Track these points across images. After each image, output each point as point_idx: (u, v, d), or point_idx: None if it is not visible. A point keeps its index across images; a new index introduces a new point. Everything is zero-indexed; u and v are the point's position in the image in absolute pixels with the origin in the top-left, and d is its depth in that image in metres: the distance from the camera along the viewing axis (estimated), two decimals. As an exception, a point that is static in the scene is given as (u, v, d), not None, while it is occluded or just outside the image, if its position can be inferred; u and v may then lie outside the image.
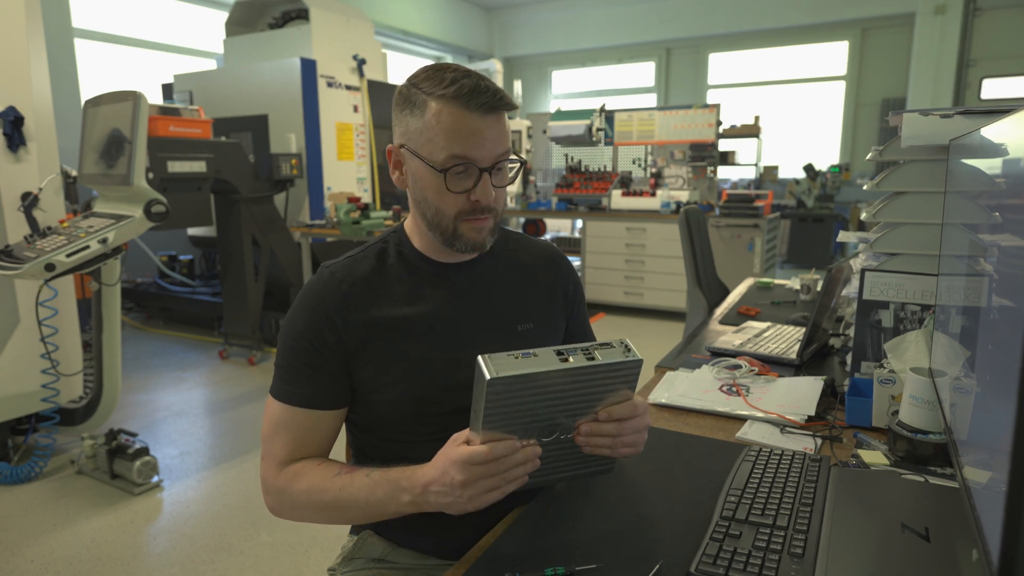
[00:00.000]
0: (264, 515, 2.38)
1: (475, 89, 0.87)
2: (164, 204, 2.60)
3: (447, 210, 0.92)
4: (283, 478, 0.92)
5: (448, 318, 0.98)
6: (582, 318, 1.17)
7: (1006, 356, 0.54)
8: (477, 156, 0.89)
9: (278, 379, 0.95)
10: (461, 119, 0.87)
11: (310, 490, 0.90)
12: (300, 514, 0.93)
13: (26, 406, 2.73)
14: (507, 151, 0.91)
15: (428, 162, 0.90)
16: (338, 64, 4.90)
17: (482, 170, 0.90)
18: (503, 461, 0.76)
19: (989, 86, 7.27)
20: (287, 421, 0.94)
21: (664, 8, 8.81)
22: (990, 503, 0.57)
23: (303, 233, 4.34)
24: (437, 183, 0.90)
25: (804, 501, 0.88)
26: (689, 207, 2.97)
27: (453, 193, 0.90)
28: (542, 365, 0.75)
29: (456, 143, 0.87)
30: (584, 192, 5.81)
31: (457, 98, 0.87)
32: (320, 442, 0.96)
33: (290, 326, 0.95)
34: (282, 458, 0.93)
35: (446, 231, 0.94)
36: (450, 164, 0.88)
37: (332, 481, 0.89)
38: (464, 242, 0.94)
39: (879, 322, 1.30)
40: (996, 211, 0.69)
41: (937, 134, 1.21)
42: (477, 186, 0.90)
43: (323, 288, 0.95)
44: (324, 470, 0.91)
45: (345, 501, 0.88)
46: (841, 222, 7.64)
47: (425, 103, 0.89)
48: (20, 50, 2.64)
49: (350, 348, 0.93)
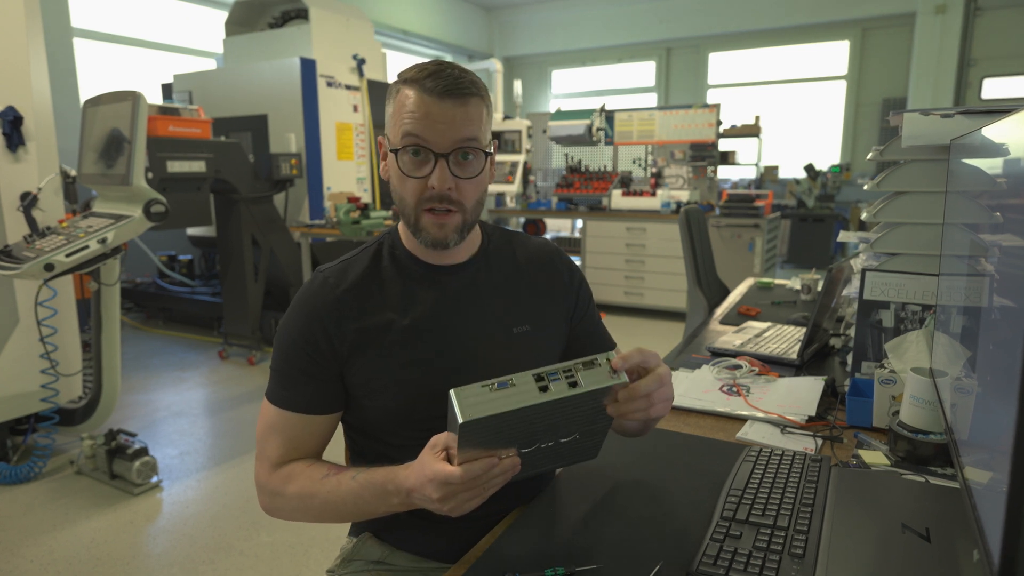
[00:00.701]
0: (264, 515, 2.36)
1: (435, 73, 0.88)
2: (163, 204, 2.60)
3: (408, 197, 0.92)
4: (276, 480, 0.94)
5: (441, 322, 0.97)
6: (592, 319, 1.12)
7: (1007, 356, 0.54)
8: (431, 139, 0.88)
9: (273, 383, 0.96)
10: (417, 101, 0.88)
11: (300, 495, 0.91)
12: (294, 516, 0.95)
13: (25, 406, 2.73)
14: (469, 138, 0.89)
15: (391, 144, 0.92)
16: (338, 64, 4.90)
17: (438, 155, 0.89)
18: (480, 478, 0.75)
19: (990, 86, 7.27)
20: (281, 424, 0.95)
21: (664, 8, 8.81)
22: (991, 503, 0.57)
23: (303, 233, 4.34)
24: (397, 166, 0.91)
25: (804, 501, 0.88)
26: (689, 207, 2.97)
27: (411, 178, 0.90)
28: (519, 399, 0.71)
29: (410, 123, 0.88)
30: (584, 192, 5.81)
31: (416, 80, 0.88)
32: (312, 445, 0.97)
33: (284, 332, 0.95)
34: (275, 460, 0.95)
35: (409, 220, 0.94)
36: (404, 143, 0.89)
37: (320, 484, 0.90)
38: (425, 235, 0.93)
39: (880, 322, 1.30)
40: (997, 211, 0.69)
41: (938, 134, 1.21)
42: (433, 172, 0.89)
43: (316, 295, 0.95)
44: (313, 472, 0.92)
45: (334, 504, 0.89)
46: (841, 222, 7.64)
47: (397, 89, 0.91)
48: (20, 50, 2.64)
49: (343, 354, 0.93)
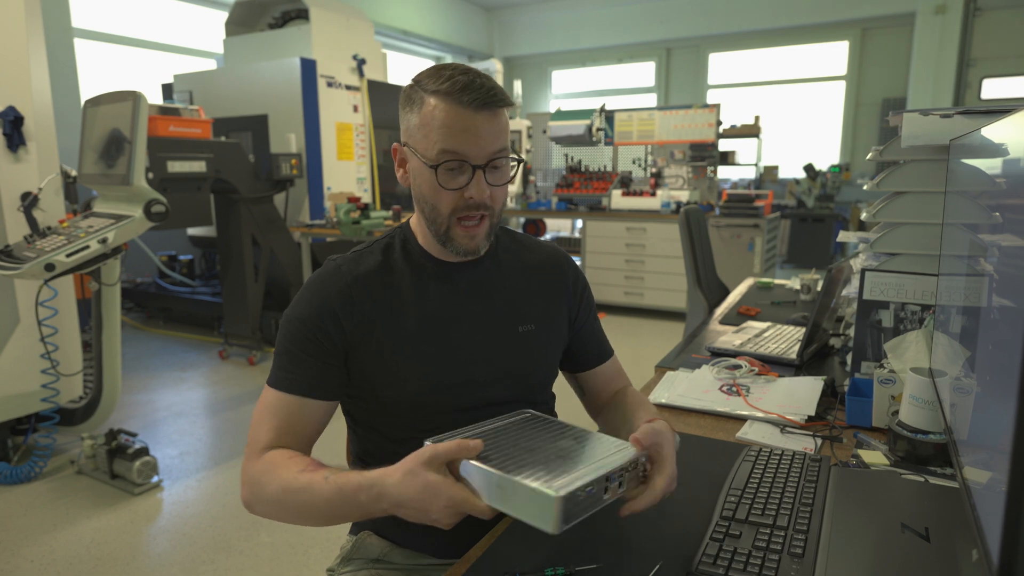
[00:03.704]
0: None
1: (469, 85, 0.87)
2: (164, 204, 2.60)
3: (442, 207, 0.92)
4: (258, 470, 0.89)
5: (450, 316, 0.98)
6: (590, 328, 1.14)
7: (1006, 356, 0.54)
8: (469, 152, 0.89)
9: (276, 368, 0.94)
10: (453, 114, 0.87)
11: (280, 492, 0.86)
12: (273, 513, 0.90)
13: (26, 406, 2.73)
14: (502, 149, 0.91)
15: (423, 158, 0.90)
16: (338, 64, 4.90)
17: (475, 167, 0.90)
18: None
19: (989, 86, 7.27)
20: (277, 407, 0.92)
21: (664, 8, 8.81)
22: (990, 503, 0.57)
23: (303, 233, 4.34)
24: (432, 179, 0.90)
25: (804, 501, 0.88)
26: (689, 207, 2.97)
27: (447, 190, 0.90)
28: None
29: (448, 138, 0.88)
30: (584, 192, 5.81)
31: (450, 93, 0.87)
32: (304, 432, 0.93)
33: (293, 315, 0.94)
34: (264, 443, 0.91)
35: (440, 229, 0.94)
36: (442, 159, 0.89)
37: (300, 475, 0.85)
38: (456, 246, 0.94)
39: (879, 322, 1.30)
40: (996, 211, 0.69)
41: (937, 134, 1.21)
42: (471, 183, 0.90)
43: (328, 280, 0.95)
44: (294, 465, 0.87)
45: (314, 504, 0.84)
46: (841, 222, 7.64)
47: (423, 100, 0.90)
48: (20, 50, 2.64)
49: (351, 341, 0.93)
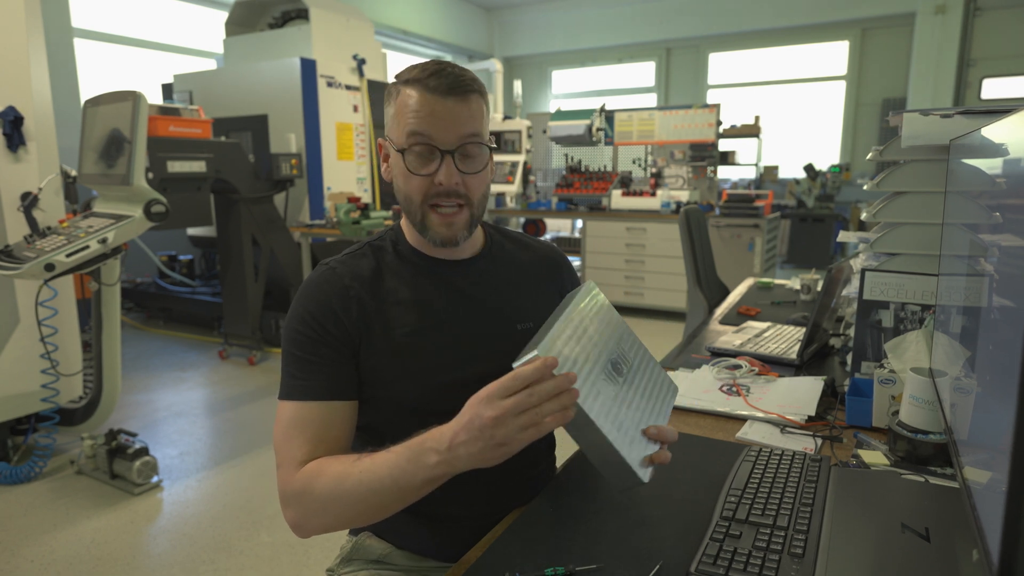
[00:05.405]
0: (264, 515, 2.38)
1: (438, 72, 0.90)
2: (164, 204, 2.60)
3: (413, 195, 0.93)
4: (301, 479, 0.85)
5: (447, 315, 0.98)
6: None
7: (1006, 356, 0.54)
8: (436, 135, 0.90)
9: (287, 378, 0.92)
10: (422, 100, 0.90)
11: (333, 483, 0.82)
12: (326, 516, 0.85)
13: (26, 406, 2.73)
14: (472, 134, 0.91)
15: (395, 144, 0.93)
16: (338, 64, 4.90)
17: (444, 151, 0.90)
18: (535, 390, 0.69)
19: (989, 86, 7.26)
20: (301, 418, 0.89)
21: (664, 8, 8.81)
22: (990, 503, 0.57)
23: (303, 233, 4.34)
24: (403, 166, 0.92)
25: (804, 501, 0.88)
26: (689, 207, 2.97)
27: (417, 176, 0.92)
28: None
29: (415, 121, 0.90)
30: (584, 192, 5.81)
31: (419, 80, 0.90)
32: (338, 436, 0.91)
33: (294, 320, 0.94)
34: (300, 458, 0.87)
35: (416, 218, 0.95)
36: (410, 142, 0.90)
37: (354, 466, 0.82)
38: (432, 234, 0.95)
39: (879, 322, 1.30)
40: (996, 211, 0.69)
41: (937, 134, 1.21)
42: (440, 168, 0.91)
43: (324, 282, 0.95)
44: (344, 459, 0.85)
45: (370, 484, 0.80)
46: (841, 222, 7.64)
47: (399, 91, 0.92)
48: (20, 50, 2.64)
49: (354, 337, 0.93)
